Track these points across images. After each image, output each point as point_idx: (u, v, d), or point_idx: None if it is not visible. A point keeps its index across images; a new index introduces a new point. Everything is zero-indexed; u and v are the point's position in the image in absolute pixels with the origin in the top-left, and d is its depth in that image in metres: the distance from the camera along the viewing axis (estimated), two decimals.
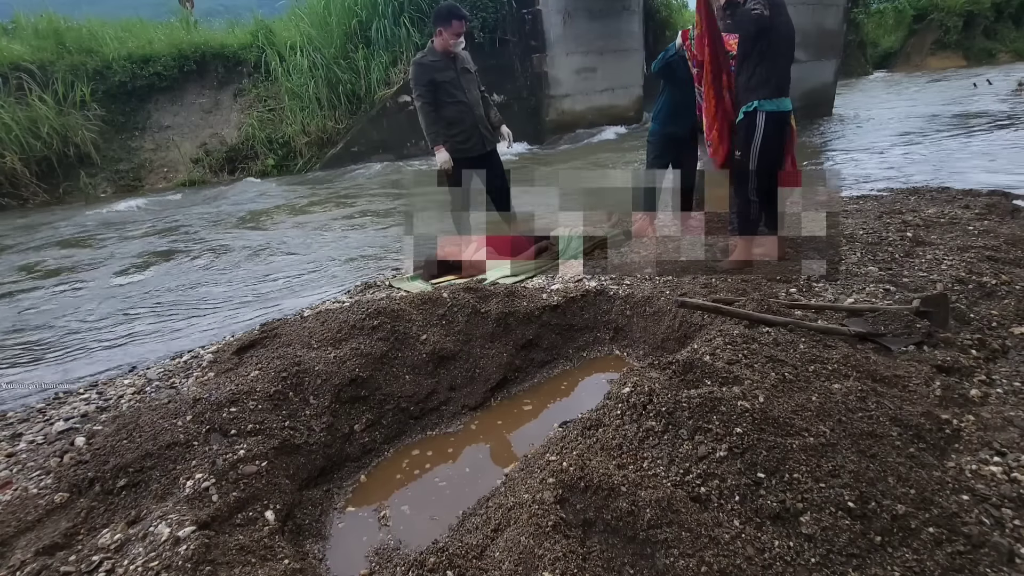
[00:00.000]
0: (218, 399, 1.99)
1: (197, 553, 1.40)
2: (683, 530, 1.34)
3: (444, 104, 3.77)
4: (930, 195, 4.67)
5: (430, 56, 3.75)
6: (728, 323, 2.33)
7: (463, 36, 3.73)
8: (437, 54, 3.73)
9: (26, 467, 2.04)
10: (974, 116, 9.46)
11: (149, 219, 7.34)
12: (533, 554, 1.29)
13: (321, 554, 1.69)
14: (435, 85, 3.72)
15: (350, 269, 4.53)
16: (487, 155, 4.00)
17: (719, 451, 1.53)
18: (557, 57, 11.28)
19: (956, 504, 1.45)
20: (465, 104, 3.80)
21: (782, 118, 3.14)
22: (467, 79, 3.84)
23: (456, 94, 3.77)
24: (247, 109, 10.52)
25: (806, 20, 9.36)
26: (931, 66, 20.41)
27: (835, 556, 1.32)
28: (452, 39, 3.67)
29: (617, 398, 1.79)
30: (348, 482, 2.03)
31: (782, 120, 3.15)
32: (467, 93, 3.81)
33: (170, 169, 9.95)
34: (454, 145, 3.84)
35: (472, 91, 3.86)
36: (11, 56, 9.34)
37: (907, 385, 1.93)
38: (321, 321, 2.62)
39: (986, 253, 3.04)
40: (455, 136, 3.84)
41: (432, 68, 3.71)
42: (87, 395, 2.67)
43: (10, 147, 8.66)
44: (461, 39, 3.72)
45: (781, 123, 3.15)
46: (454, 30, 3.65)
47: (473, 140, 3.88)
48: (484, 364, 2.54)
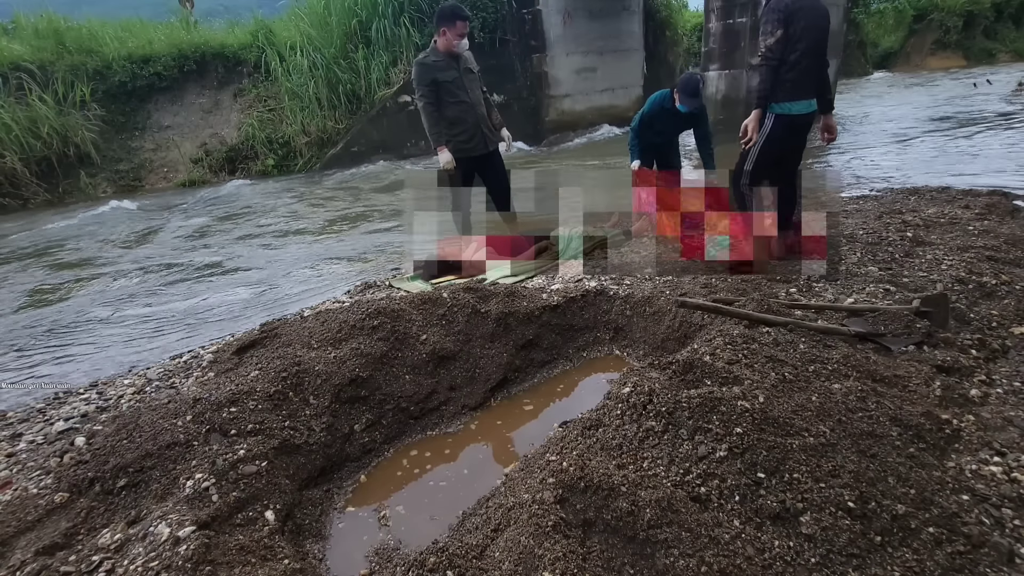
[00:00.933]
0: (218, 399, 1.99)
1: (197, 553, 1.40)
2: (683, 530, 1.34)
3: (446, 104, 3.78)
4: (930, 195, 4.67)
5: (432, 56, 3.76)
6: (728, 323, 2.33)
7: (466, 36, 3.74)
8: (440, 54, 3.74)
9: (26, 467, 2.04)
10: (974, 116, 9.45)
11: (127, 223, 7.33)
12: (533, 554, 1.29)
13: (321, 554, 1.69)
14: (437, 85, 3.73)
15: (350, 269, 4.52)
16: (489, 155, 4.01)
17: (719, 451, 1.53)
18: (557, 57, 11.28)
19: (956, 504, 1.45)
20: (467, 104, 3.81)
21: (793, 121, 3.00)
22: (470, 79, 3.85)
23: (459, 94, 3.78)
24: (247, 109, 10.52)
25: None
26: (931, 66, 20.40)
27: (835, 556, 1.32)
28: (455, 39, 3.68)
29: (617, 398, 1.79)
30: (348, 482, 2.03)
31: (794, 123, 3.01)
32: (469, 93, 3.82)
33: (170, 169, 9.95)
34: (456, 145, 3.86)
35: (475, 91, 3.87)
36: (11, 56, 9.34)
37: (907, 385, 1.93)
38: (321, 321, 2.62)
39: (986, 253, 3.04)
40: (457, 136, 3.85)
41: (434, 68, 3.72)
42: (87, 395, 2.66)
43: (10, 147, 8.66)
44: (464, 39, 3.74)
45: (793, 126, 3.01)
46: (458, 30, 3.66)
47: (475, 140, 3.90)
48: (484, 364, 2.54)
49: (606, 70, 12.23)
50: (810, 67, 2.95)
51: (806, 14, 2.88)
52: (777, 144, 3.02)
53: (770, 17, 2.93)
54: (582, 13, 11.45)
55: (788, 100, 2.94)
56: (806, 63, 2.92)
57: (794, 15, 2.86)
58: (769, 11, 2.94)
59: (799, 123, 3.02)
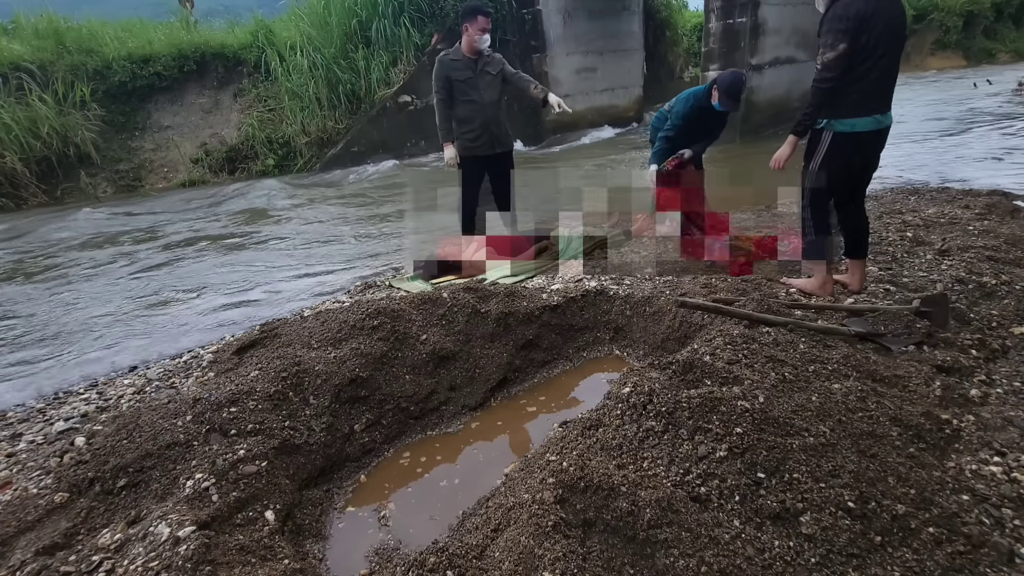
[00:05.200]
0: (218, 399, 1.99)
1: (197, 553, 1.40)
2: (683, 530, 1.34)
3: (458, 102, 3.86)
4: (930, 195, 4.67)
5: (452, 55, 3.86)
6: (728, 323, 2.33)
7: (488, 33, 3.80)
8: (460, 54, 3.83)
9: (26, 467, 2.04)
10: (974, 116, 9.45)
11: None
12: (533, 554, 1.29)
13: (321, 554, 1.69)
14: (450, 83, 3.81)
15: (350, 269, 4.52)
16: (496, 156, 4.05)
17: (719, 451, 1.53)
18: (557, 57, 11.29)
19: (956, 504, 1.45)
20: (477, 104, 3.87)
21: (858, 138, 2.53)
22: (485, 81, 3.90)
23: (470, 94, 3.85)
24: (247, 109, 10.52)
25: (806, 20, 9.35)
26: (931, 66, 20.38)
27: (835, 556, 1.32)
28: (477, 35, 3.75)
29: (617, 398, 1.79)
30: (348, 482, 2.03)
31: (859, 141, 2.54)
32: (482, 94, 3.88)
33: (170, 169, 9.94)
34: (463, 143, 3.91)
35: (487, 93, 3.92)
36: (11, 56, 9.33)
37: (907, 385, 1.93)
38: (321, 321, 2.62)
39: (986, 253, 3.04)
40: (465, 134, 3.91)
41: (450, 66, 3.81)
42: (87, 395, 2.67)
43: (10, 147, 8.65)
44: (487, 36, 3.80)
45: (858, 144, 2.55)
46: (479, 25, 3.73)
47: (482, 140, 3.94)
48: (484, 364, 2.54)
49: (606, 70, 12.24)
50: (882, 78, 2.50)
51: (882, 16, 2.41)
52: (840, 165, 2.58)
53: (833, 26, 2.43)
54: (582, 13, 11.45)
55: (852, 116, 2.51)
56: (877, 74, 2.47)
57: (866, 22, 2.39)
58: (834, 19, 2.44)
59: (865, 140, 2.55)
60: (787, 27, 9.55)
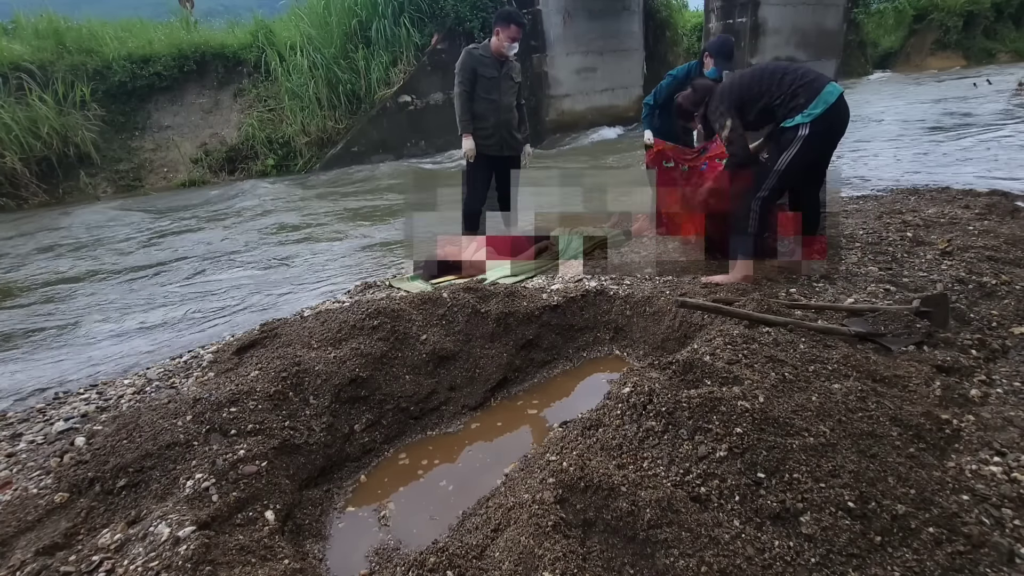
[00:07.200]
0: (218, 399, 1.99)
1: (197, 553, 1.40)
2: (683, 530, 1.34)
3: (478, 98, 3.90)
4: (930, 195, 4.67)
5: (481, 50, 3.89)
6: (728, 323, 2.33)
7: (517, 43, 3.86)
8: (489, 51, 3.87)
9: (26, 467, 2.04)
10: (974, 116, 9.45)
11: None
12: (533, 554, 1.29)
13: (321, 554, 1.69)
14: (475, 76, 3.84)
15: (350, 269, 4.52)
16: (504, 159, 4.08)
17: (719, 451, 1.53)
18: (557, 57, 11.30)
19: (956, 504, 1.45)
20: (496, 105, 3.92)
21: (828, 117, 2.64)
22: (507, 85, 3.96)
23: (492, 92, 3.90)
24: (247, 109, 10.52)
25: (806, 20, 9.36)
26: (931, 66, 20.37)
27: (835, 556, 1.32)
28: (507, 41, 3.81)
29: (617, 398, 1.79)
30: (348, 482, 2.03)
31: (836, 111, 2.65)
32: (502, 96, 3.93)
33: (170, 169, 9.94)
34: (475, 139, 3.94)
35: (507, 96, 3.97)
36: (11, 56, 9.33)
37: (907, 385, 1.93)
38: (321, 321, 2.62)
39: (986, 253, 3.04)
40: (478, 131, 3.95)
41: (479, 60, 3.84)
42: (87, 395, 2.66)
43: (10, 147, 8.65)
44: (515, 45, 3.86)
45: (836, 113, 2.66)
46: (511, 33, 3.78)
47: (494, 140, 3.98)
48: (484, 364, 2.54)
49: (606, 70, 12.25)
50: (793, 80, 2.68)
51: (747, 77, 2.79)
52: (816, 150, 2.71)
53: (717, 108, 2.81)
54: (582, 13, 11.46)
55: (813, 99, 2.61)
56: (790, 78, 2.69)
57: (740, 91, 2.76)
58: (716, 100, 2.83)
59: (839, 107, 2.66)
60: (787, 27, 9.57)
